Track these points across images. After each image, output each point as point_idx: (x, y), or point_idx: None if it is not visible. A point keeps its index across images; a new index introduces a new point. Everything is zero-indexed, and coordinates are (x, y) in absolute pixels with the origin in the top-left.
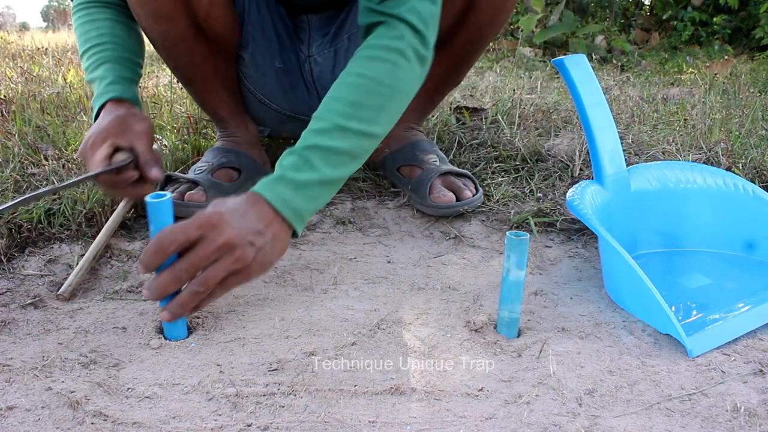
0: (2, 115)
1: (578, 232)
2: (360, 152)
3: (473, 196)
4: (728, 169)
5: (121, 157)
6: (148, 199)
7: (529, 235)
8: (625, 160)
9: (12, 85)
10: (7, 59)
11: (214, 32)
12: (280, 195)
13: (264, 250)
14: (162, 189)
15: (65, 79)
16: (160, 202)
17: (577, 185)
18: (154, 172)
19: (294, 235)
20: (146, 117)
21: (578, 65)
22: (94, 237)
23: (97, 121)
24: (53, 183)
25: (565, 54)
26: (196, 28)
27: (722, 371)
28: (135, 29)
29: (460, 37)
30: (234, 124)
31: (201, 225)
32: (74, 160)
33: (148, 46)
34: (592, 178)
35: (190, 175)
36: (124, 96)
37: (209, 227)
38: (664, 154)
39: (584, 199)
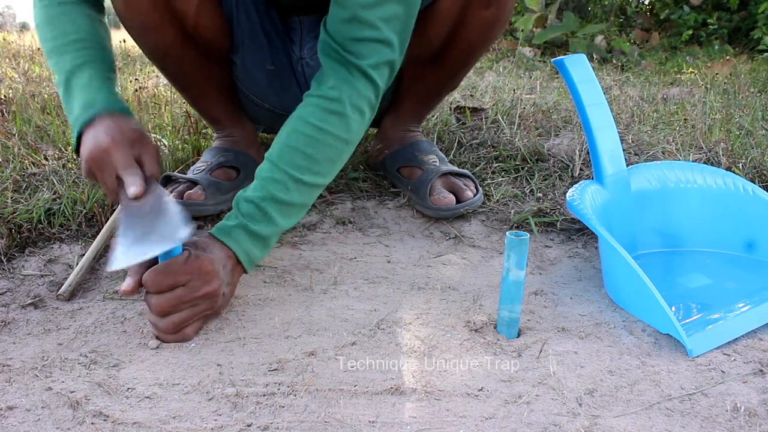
0: (3, 115)
1: (578, 232)
2: (310, 201)
3: (474, 196)
4: (728, 169)
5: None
6: None
7: (529, 235)
8: (625, 160)
9: (13, 85)
10: (7, 59)
11: (203, 40)
12: (242, 246)
13: (227, 298)
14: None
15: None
16: (172, 249)
17: (577, 185)
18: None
19: (245, 272)
20: (142, 130)
21: (578, 65)
22: (94, 237)
23: (101, 128)
24: (53, 183)
25: (565, 54)
26: (185, 38)
27: (722, 371)
28: (104, 23)
29: (452, 54)
30: (231, 125)
31: (192, 271)
32: (74, 160)
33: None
34: (592, 178)
35: (189, 175)
36: (117, 108)
37: (198, 274)
38: (664, 154)
39: (584, 199)
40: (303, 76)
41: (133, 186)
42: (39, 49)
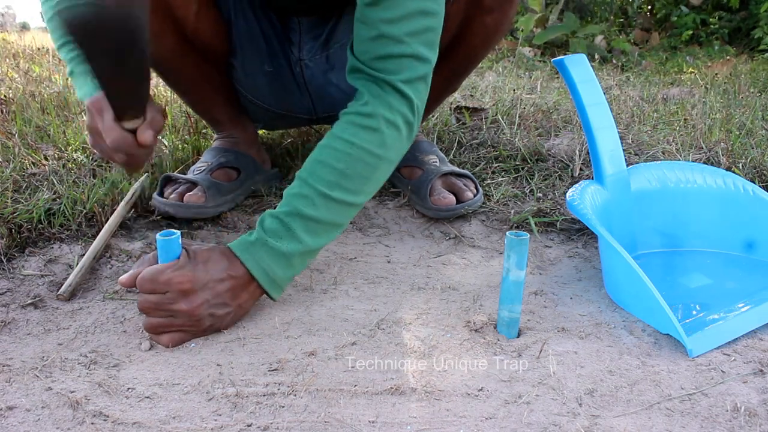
0: (3, 115)
1: (578, 232)
2: (342, 221)
3: (474, 197)
4: (728, 169)
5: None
6: (158, 237)
7: (529, 235)
8: (625, 160)
9: (13, 85)
10: (7, 59)
11: (203, 44)
12: (258, 262)
13: (224, 319)
14: (161, 189)
15: (65, 79)
16: (170, 239)
17: (577, 185)
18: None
19: (271, 297)
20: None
21: (578, 65)
22: (94, 237)
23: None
24: (53, 183)
25: (565, 54)
26: (184, 43)
27: (722, 371)
28: None
29: (456, 56)
30: (231, 126)
31: (172, 285)
32: (74, 160)
33: None
34: (592, 178)
35: (189, 175)
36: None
37: (178, 292)
38: (664, 154)
39: (584, 199)
40: (302, 78)
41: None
42: (39, 48)
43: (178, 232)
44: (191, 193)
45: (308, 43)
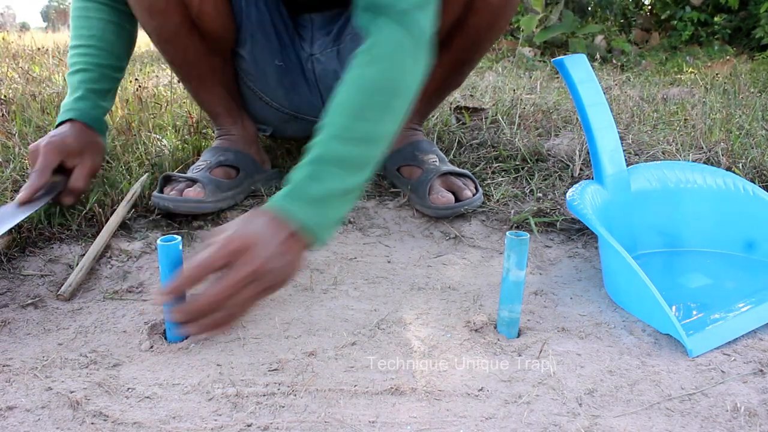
0: (3, 115)
1: (578, 232)
2: (369, 157)
3: (473, 195)
4: (728, 169)
5: (56, 179)
6: (159, 242)
7: (529, 235)
8: (625, 160)
9: (13, 85)
10: (7, 59)
11: (206, 29)
12: (294, 213)
13: (284, 270)
14: (161, 189)
15: (66, 79)
16: (170, 245)
17: (577, 185)
18: (66, 200)
19: (319, 244)
20: (100, 146)
21: (578, 65)
22: (94, 237)
23: (60, 129)
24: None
25: (565, 54)
26: (190, 24)
27: (722, 371)
28: (127, 29)
29: (460, 41)
30: (230, 122)
31: (229, 253)
32: None
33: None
34: (592, 178)
35: (189, 174)
36: (86, 120)
37: (236, 255)
38: (664, 154)
39: (584, 199)
40: (312, 74)
41: (23, 191)
42: (39, 48)
43: (179, 238)
44: (190, 189)
45: (320, 39)
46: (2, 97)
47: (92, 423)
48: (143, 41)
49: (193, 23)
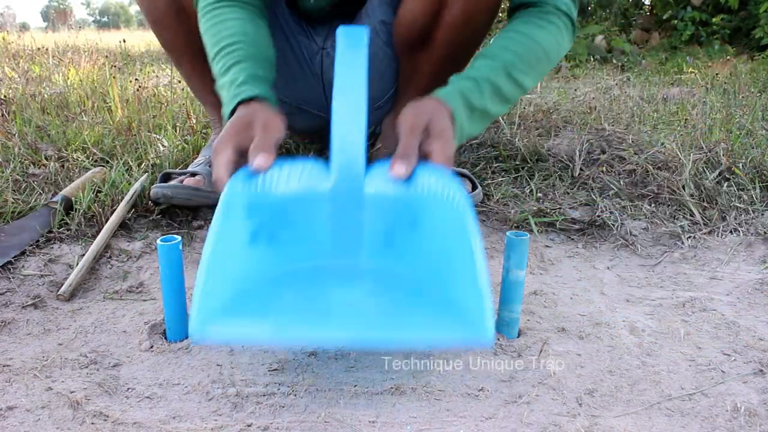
0: (3, 115)
1: (578, 232)
2: (513, 98)
3: (470, 193)
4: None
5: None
6: (159, 242)
7: (529, 235)
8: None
9: (13, 85)
10: (7, 59)
11: (192, 12)
12: (455, 110)
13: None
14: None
15: (65, 79)
16: (170, 245)
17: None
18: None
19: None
20: (274, 115)
21: (351, 40)
22: (94, 237)
23: (226, 124)
24: (54, 183)
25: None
26: (178, 7)
27: (722, 371)
28: (266, 29)
29: (440, 36)
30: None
31: (424, 112)
32: (75, 159)
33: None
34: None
35: (189, 169)
36: (252, 95)
37: (429, 114)
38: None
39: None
40: (320, 68)
41: (261, 158)
42: (39, 48)
43: (179, 238)
44: (191, 178)
45: (334, 35)
46: (2, 97)
47: (92, 423)
48: (143, 41)
49: (183, 6)
